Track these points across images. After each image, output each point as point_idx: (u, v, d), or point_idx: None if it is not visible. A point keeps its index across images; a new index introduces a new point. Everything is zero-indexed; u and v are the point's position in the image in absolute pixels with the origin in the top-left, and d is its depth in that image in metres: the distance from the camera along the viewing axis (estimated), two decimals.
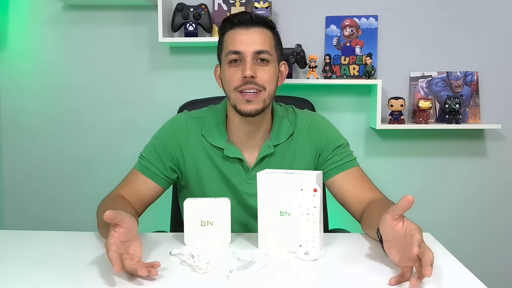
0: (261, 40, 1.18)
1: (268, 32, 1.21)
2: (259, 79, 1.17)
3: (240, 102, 1.19)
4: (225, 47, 1.21)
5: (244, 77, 1.16)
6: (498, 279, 2.15)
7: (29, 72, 2.18)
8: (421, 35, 2.08)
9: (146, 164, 1.27)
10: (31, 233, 1.20)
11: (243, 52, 1.17)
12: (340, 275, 0.90)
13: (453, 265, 0.96)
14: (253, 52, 1.17)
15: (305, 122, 1.31)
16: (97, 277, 0.90)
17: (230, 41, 1.19)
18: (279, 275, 0.91)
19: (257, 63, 1.18)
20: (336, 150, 1.28)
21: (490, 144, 2.13)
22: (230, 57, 1.19)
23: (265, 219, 1.04)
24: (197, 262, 0.91)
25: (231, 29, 1.20)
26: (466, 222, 2.15)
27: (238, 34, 1.19)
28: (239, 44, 1.17)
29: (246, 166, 1.25)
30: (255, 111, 1.19)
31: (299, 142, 1.29)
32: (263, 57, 1.18)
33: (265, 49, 1.18)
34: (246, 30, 1.18)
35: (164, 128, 1.32)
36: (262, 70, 1.18)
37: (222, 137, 1.26)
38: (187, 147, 1.27)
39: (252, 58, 1.17)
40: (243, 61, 1.18)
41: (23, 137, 2.21)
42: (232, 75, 1.19)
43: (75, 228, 1.30)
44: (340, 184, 1.25)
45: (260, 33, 1.19)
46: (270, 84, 1.20)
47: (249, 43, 1.17)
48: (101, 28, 2.15)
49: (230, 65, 1.20)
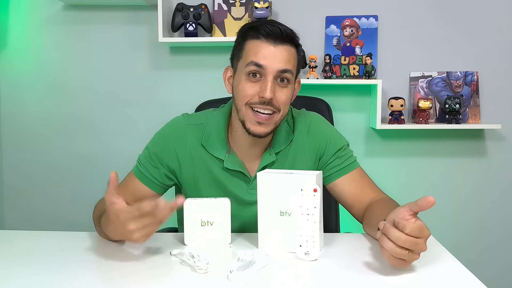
0: (286, 59, 1.11)
1: (294, 50, 1.14)
2: (277, 100, 1.11)
3: (250, 121, 1.13)
4: (245, 56, 1.13)
5: (261, 97, 1.10)
6: (498, 279, 2.15)
7: (29, 71, 2.19)
8: (421, 35, 2.08)
9: (142, 170, 1.23)
10: (31, 233, 1.20)
11: (266, 68, 1.09)
12: (340, 275, 0.90)
13: (453, 265, 0.96)
14: (277, 70, 1.10)
15: (304, 125, 1.27)
16: (97, 277, 0.90)
17: (253, 51, 1.11)
18: (279, 275, 0.91)
19: (277, 83, 1.11)
20: (337, 153, 1.25)
21: (490, 144, 2.13)
22: (250, 68, 1.11)
23: (265, 219, 1.04)
24: (197, 262, 0.91)
25: (255, 38, 1.12)
26: (466, 222, 2.15)
27: (263, 47, 1.10)
28: (262, 58, 1.09)
29: (248, 178, 1.22)
30: (265, 134, 1.14)
31: (298, 147, 1.25)
32: (285, 77, 1.12)
33: (289, 68, 1.11)
34: (273, 46, 1.10)
35: (161, 134, 1.26)
36: (281, 91, 1.12)
37: (222, 147, 1.21)
38: (184, 156, 1.22)
39: (273, 77, 1.10)
40: (263, 77, 1.11)
41: (23, 137, 2.21)
42: (248, 89, 1.12)
43: (74, 228, 1.30)
44: (342, 188, 1.24)
45: (287, 51, 1.11)
46: (285, 107, 1.14)
47: (274, 60, 1.10)
48: (101, 28, 2.15)
49: (248, 77, 1.12)
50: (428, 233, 0.89)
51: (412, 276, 0.91)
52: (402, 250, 0.86)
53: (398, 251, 0.86)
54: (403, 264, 0.89)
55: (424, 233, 0.87)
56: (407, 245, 0.86)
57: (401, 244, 0.86)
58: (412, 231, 0.85)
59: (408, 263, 0.89)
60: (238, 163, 1.21)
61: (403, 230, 0.86)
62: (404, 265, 0.89)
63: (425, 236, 0.88)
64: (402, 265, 0.89)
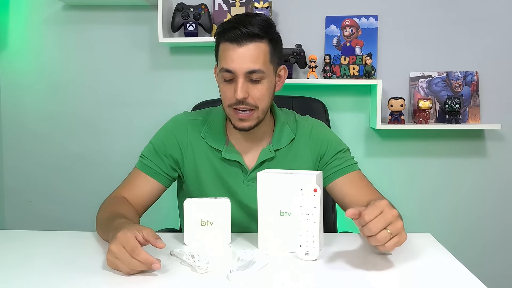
0: (254, 58, 1.13)
1: (263, 45, 1.15)
2: (251, 98, 1.16)
3: (234, 118, 1.20)
4: (219, 61, 1.19)
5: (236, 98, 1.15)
6: (498, 279, 2.15)
7: (29, 71, 2.19)
8: (421, 35, 2.08)
9: (147, 162, 1.27)
10: (31, 233, 1.20)
11: (235, 71, 1.14)
12: (340, 275, 0.90)
13: (453, 265, 0.96)
14: (245, 72, 1.14)
15: (306, 128, 1.31)
16: (97, 277, 0.90)
17: (223, 57, 1.16)
18: (279, 275, 0.91)
19: (249, 82, 1.16)
20: (337, 155, 1.28)
21: (490, 144, 2.13)
22: (223, 74, 1.16)
23: (265, 219, 1.04)
24: (197, 262, 0.91)
25: (224, 41, 1.16)
26: (466, 222, 2.15)
27: (231, 50, 1.14)
28: (230, 62, 1.14)
29: (245, 169, 1.25)
30: (248, 127, 1.19)
31: (300, 147, 1.29)
32: (254, 78, 1.15)
33: (257, 68, 1.14)
34: (238, 47, 1.13)
35: (164, 129, 1.32)
36: (254, 89, 1.16)
37: (221, 139, 1.27)
38: (187, 148, 1.28)
39: (244, 78, 1.14)
40: (236, 78, 1.15)
41: (23, 137, 2.21)
42: (226, 91, 1.18)
43: (75, 227, 1.30)
44: (341, 188, 1.25)
45: (253, 49, 1.13)
46: (262, 102, 1.18)
47: (241, 62, 1.13)
48: (101, 28, 2.15)
49: (224, 81, 1.18)
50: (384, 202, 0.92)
51: (412, 275, 0.91)
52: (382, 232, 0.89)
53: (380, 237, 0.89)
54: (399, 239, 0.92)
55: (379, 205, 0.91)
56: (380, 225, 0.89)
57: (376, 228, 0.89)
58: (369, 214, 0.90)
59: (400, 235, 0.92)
60: (236, 154, 1.25)
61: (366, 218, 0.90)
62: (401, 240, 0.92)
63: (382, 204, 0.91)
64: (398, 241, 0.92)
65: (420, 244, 1.09)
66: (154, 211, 1.41)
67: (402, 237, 0.92)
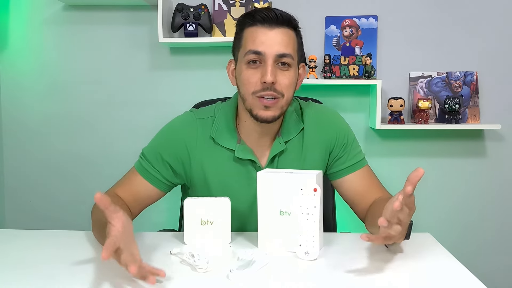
0: (285, 42, 1.10)
1: (292, 33, 1.13)
2: (279, 85, 1.10)
3: (257, 107, 1.12)
4: (244, 45, 1.12)
5: (263, 82, 1.09)
6: (498, 279, 2.16)
7: (30, 72, 2.19)
8: (421, 35, 2.09)
9: (147, 166, 1.20)
10: (31, 232, 1.20)
11: (265, 54, 1.09)
12: (340, 275, 0.91)
13: (453, 265, 0.96)
14: (275, 55, 1.09)
15: (312, 116, 1.25)
16: (97, 276, 0.90)
17: (250, 39, 1.10)
18: (279, 274, 0.91)
19: (278, 67, 1.10)
20: (346, 149, 1.24)
21: (489, 144, 2.13)
22: (249, 57, 1.10)
23: (265, 218, 1.04)
24: (197, 261, 0.91)
25: (252, 25, 1.11)
26: (466, 222, 2.16)
27: (260, 32, 1.10)
28: (260, 44, 1.09)
29: (259, 167, 1.19)
30: (272, 117, 1.12)
31: (310, 138, 1.23)
32: (285, 61, 1.10)
33: (288, 52, 1.10)
34: (270, 30, 1.09)
35: (171, 127, 1.23)
36: (282, 75, 1.11)
37: (232, 137, 1.19)
38: (195, 150, 1.19)
39: (273, 61, 1.09)
40: (263, 63, 1.10)
41: (23, 137, 2.21)
42: (250, 77, 1.11)
43: (75, 227, 1.30)
44: (350, 185, 1.23)
45: (284, 34, 1.10)
46: (289, 90, 1.13)
47: (272, 44, 1.09)
48: (101, 28, 2.15)
49: (249, 65, 1.11)
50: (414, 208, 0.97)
51: (412, 275, 0.92)
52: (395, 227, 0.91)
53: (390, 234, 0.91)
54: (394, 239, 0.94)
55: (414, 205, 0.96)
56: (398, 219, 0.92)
57: None
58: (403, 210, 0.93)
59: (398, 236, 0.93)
60: (249, 152, 1.19)
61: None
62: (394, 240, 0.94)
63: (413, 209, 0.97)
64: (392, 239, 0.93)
65: (420, 244, 1.09)
66: (154, 211, 1.41)
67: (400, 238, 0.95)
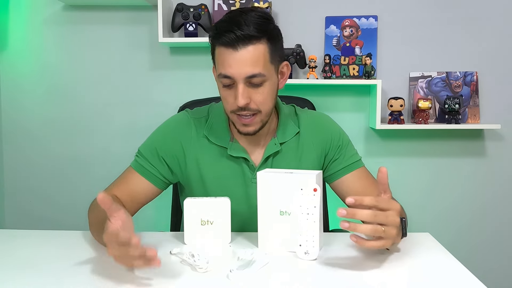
0: (253, 61, 1.06)
1: (261, 46, 1.07)
2: (253, 103, 1.10)
3: (237, 124, 1.15)
4: (216, 65, 1.12)
5: (237, 105, 1.09)
6: (498, 279, 2.16)
7: (30, 72, 2.19)
8: (421, 35, 2.09)
9: (143, 163, 1.21)
10: (30, 232, 1.20)
11: (234, 77, 1.08)
12: (340, 275, 0.91)
13: (453, 265, 0.96)
14: (244, 77, 1.07)
15: (307, 121, 1.27)
16: (97, 276, 0.90)
17: (220, 61, 1.10)
18: (279, 274, 0.91)
19: (250, 86, 1.09)
20: (341, 150, 1.26)
21: (489, 144, 2.13)
22: (222, 80, 1.10)
23: (265, 218, 1.04)
24: (197, 261, 0.91)
25: (219, 45, 1.09)
26: (466, 222, 2.16)
27: (227, 55, 1.07)
28: (228, 68, 1.07)
29: (252, 165, 1.21)
30: (253, 131, 1.15)
31: (305, 142, 1.25)
32: (255, 82, 1.09)
33: (257, 72, 1.07)
34: (235, 51, 1.06)
35: (166, 126, 1.26)
36: (256, 93, 1.10)
37: (225, 135, 1.21)
38: (190, 148, 1.22)
39: (244, 83, 1.08)
40: (235, 83, 1.09)
41: (23, 137, 2.21)
42: (227, 97, 1.12)
43: (74, 227, 1.30)
44: (348, 185, 1.24)
45: (251, 52, 1.06)
46: (265, 105, 1.12)
47: (239, 66, 1.06)
48: (101, 28, 2.15)
49: (224, 87, 1.12)
50: (397, 205, 0.93)
51: (412, 275, 0.92)
52: (377, 226, 0.89)
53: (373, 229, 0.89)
54: (384, 243, 0.91)
55: (392, 204, 0.92)
56: (379, 220, 0.89)
57: (372, 220, 0.89)
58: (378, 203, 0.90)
59: (389, 240, 0.92)
60: (242, 150, 1.21)
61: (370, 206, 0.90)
62: (386, 244, 0.92)
63: (394, 207, 0.92)
64: (383, 244, 0.91)
65: (420, 244, 1.09)
66: (153, 212, 1.42)
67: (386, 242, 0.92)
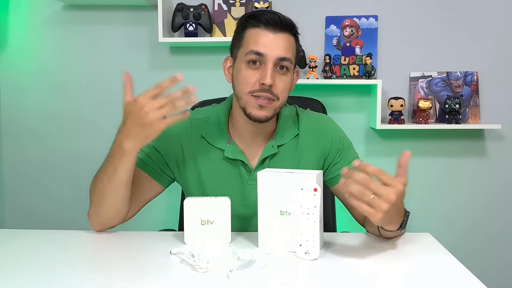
0: (286, 47, 1.13)
1: (292, 39, 1.16)
2: (276, 88, 1.12)
3: (251, 106, 1.14)
4: (245, 45, 1.14)
5: (262, 84, 1.11)
6: (498, 279, 2.15)
7: (30, 71, 2.19)
8: (421, 35, 2.09)
9: (144, 158, 1.22)
10: (31, 232, 1.20)
11: (266, 56, 1.11)
12: (340, 275, 0.90)
13: (453, 265, 0.96)
14: (277, 58, 1.11)
15: (308, 123, 1.27)
16: (97, 276, 0.90)
17: (253, 40, 1.12)
18: (279, 274, 0.91)
19: (277, 71, 1.13)
20: (342, 153, 1.25)
21: (490, 144, 2.13)
22: (250, 57, 1.12)
23: (265, 218, 1.04)
24: (197, 261, 0.91)
25: (255, 27, 1.13)
26: (466, 222, 2.16)
27: (263, 34, 1.12)
28: (262, 46, 1.11)
29: (249, 167, 1.21)
30: (265, 117, 1.14)
31: (304, 144, 1.24)
32: (284, 65, 1.13)
33: (289, 56, 1.13)
34: (273, 33, 1.12)
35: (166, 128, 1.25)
36: (280, 79, 1.13)
37: (223, 137, 1.21)
38: (189, 149, 1.22)
39: (273, 65, 1.11)
40: (263, 64, 1.12)
41: (23, 137, 2.21)
42: (249, 77, 1.12)
43: (74, 227, 1.31)
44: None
45: (286, 39, 1.13)
46: (284, 94, 1.15)
47: (274, 47, 1.11)
48: (101, 28, 2.15)
49: (248, 65, 1.13)
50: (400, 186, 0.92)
51: (412, 275, 0.91)
52: (364, 189, 0.89)
53: (360, 190, 0.89)
54: (370, 212, 0.90)
55: (394, 182, 0.91)
56: (371, 186, 0.89)
57: (364, 182, 0.90)
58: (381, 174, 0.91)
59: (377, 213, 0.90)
60: (239, 152, 1.21)
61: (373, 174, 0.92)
62: (371, 214, 0.90)
63: (395, 185, 0.91)
64: (368, 212, 0.90)
65: (420, 244, 1.09)
66: (153, 211, 1.41)
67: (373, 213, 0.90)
